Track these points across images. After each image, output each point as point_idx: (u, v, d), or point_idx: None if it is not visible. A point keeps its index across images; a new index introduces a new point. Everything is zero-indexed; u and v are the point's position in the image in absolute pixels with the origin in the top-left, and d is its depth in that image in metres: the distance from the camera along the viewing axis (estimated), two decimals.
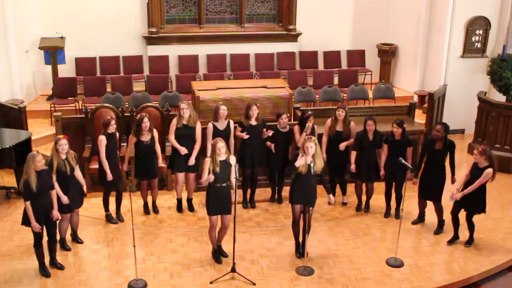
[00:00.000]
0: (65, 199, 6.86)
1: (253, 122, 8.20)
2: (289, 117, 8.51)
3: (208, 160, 6.72)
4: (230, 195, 6.79)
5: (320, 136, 8.31)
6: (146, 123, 7.77)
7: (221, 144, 6.68)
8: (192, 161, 8.05)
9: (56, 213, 6.69)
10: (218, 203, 6.77)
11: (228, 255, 7.08)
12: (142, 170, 8.01)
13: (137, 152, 7.94)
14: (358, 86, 11.28)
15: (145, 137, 7.86)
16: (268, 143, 8.25)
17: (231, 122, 8.18)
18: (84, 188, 7.28)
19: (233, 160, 6.85)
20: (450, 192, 7.44)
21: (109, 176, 7.64)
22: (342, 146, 8.19)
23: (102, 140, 7.60)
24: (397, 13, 12.52)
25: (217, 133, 8.02)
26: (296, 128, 8.25)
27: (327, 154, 8.34)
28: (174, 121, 8.04)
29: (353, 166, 8.18)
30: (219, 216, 6.88)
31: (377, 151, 8.11)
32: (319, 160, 6.86)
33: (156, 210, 8.32)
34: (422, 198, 7.99)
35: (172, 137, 8.02)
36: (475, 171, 7.22)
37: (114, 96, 10.21)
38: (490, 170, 7.11)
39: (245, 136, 8.09)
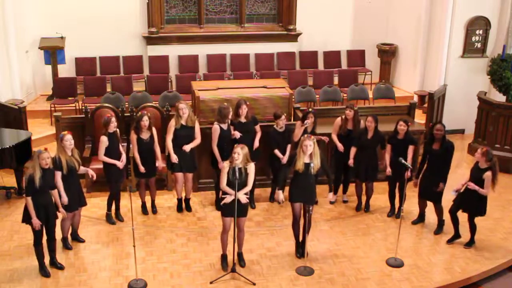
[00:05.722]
0: (65, 200, 6.87)
1: (242, 119, 8.20)
2: (287, 117, 8.52)
3: (226, 166, 6.64)
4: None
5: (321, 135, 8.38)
6: (145, 121, 7.76)
7: (238, 150, 6.58)
8: (187, 148, 7.97)
9: (62, 210, 6.77)
10: (231, 206, 6.63)
11: (245, 264, 7.02)
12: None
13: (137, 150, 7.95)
14: (358, 86, 11.29)
15: (145, 135, 7.85)
16: (276, 151, 8.25)
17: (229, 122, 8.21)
18: (94, 176, 7.36)
19: (250, 167, 6.70)
20: (451, 190, 7.43)
21: (120, 165, 7.65)
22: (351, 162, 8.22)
23: (104, 141, 7.59)
24: (397, 13, 12.53)
25: (223, 133, 8.03)
26: (298, 124, 8.29)
27: (335, 153, 8.45)
28: (172, 122, 8.00)
29: (351, 161, 8.21)
30: (232, 219, 6.76)
31: (381, 152, 8.10)
32: (316, 159, 6.86)
33: (154, 210, 8.31)
34: (422, 199, 7.99)
35: (169, 139, 7.98)
36: (476, 171, 7.22)
37: (114, 96, 10.22)
38: (489, 173, 7.10)
39: (238, 135, 8.09)
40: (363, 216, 8.33)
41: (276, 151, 8.27)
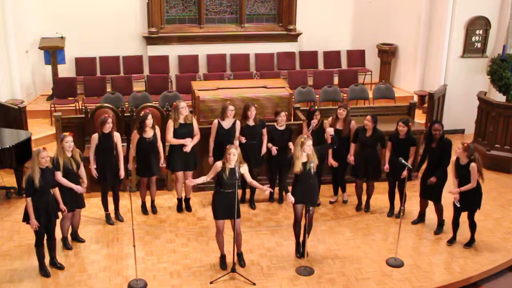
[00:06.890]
0: (81, 189, 7.02)
1: (251, 122, 8.20)
2: (287, 115, 8.52)
3: (219, 166, 6.65)
4: (238, 200, 6.75)
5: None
6: (150, 120, 7.80)
7: (233, 150, 6.58)
8: (188, 148, 7.99)
9: (62, 206, 6.77)
10: (224, 208, 6.65)
11: (245, 264, 7.02)
12: (143, 168, 8.02)
13: (139, 149, 7.94)
14: (358, 86, 11.28)
15: (148, 134, 7.88)
16: (269, 144, 8.28)
17: (237, 123, 8.19)
18: (84, 184, 7.29)
19: (244, 169, 6.73)
20: (451, 195, 7.43)
21: (94, 173, 7.68)
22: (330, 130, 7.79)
23: (94, 138, 7.67)
24: (397, 13, 12.53)
25: (221, 131, 8.05)
26: (305, 124, 8.29)
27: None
28: (170, 122, 8.03)
29: (351, 158, 8.22)
30: (225, 221, 6.79)
31: (382, 151, 8.10)
32: (315, 159, 6.88)
33: (154, 210, 8.31)
34: (423, 198, 7.99)
35: (170, 137, 8.00)
36: (459, 169, 7.24)
37: (114, 96, 10.22)
38: (473, 164, 7.12)
39: (243, 139, 8.11)
40: (363, 216, 8.33)
41: (269, 144, 8.28)
